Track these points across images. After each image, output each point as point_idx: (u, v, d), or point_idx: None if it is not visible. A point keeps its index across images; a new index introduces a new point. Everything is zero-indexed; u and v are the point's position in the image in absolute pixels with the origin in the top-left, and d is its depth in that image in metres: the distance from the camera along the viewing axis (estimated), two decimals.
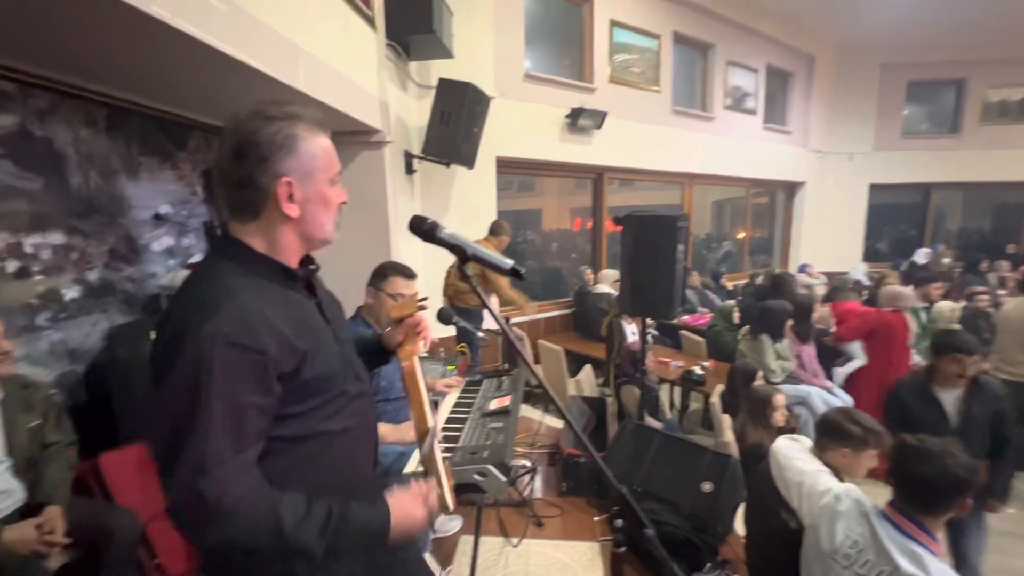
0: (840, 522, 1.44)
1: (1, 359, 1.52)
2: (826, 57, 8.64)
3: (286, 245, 0.86)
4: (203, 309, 0.74)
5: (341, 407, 0.90)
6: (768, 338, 3.60)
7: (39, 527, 1.51)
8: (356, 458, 0.97)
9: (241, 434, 0.74)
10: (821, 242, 9.07)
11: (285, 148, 0.80)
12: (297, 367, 0.80)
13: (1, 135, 1.90)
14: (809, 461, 1.67)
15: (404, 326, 1.09)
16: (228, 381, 0.72)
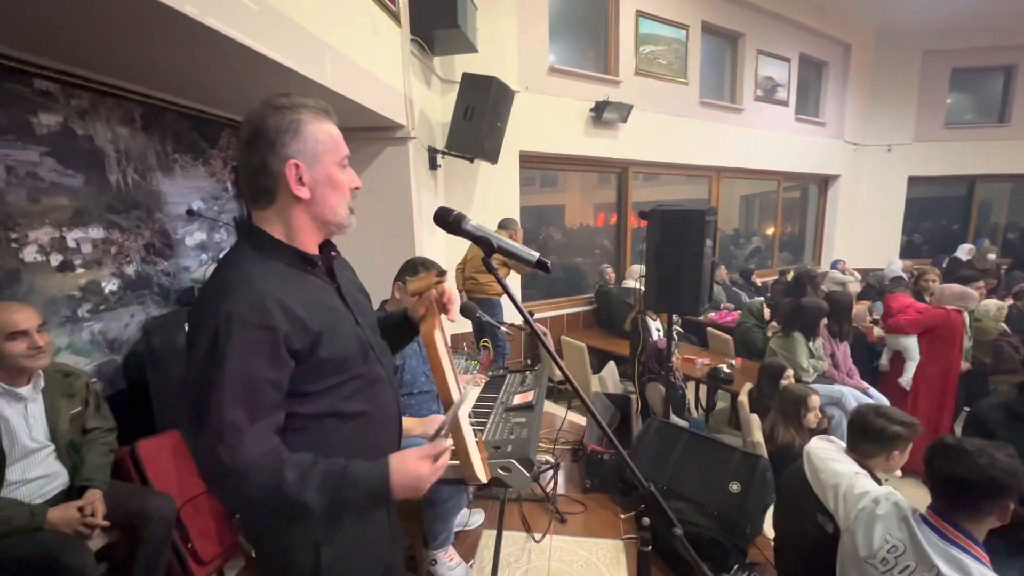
0: (878, 526, 1.39)
1: (37, 353, 1.56)
2: (863, 45, 8.29)
3: (301, 228, 0.90)
4: (223, 291, 0.81)
5: (357, 389, 0.94)
6: (801, 336, 3.49)
7: (81, 509, 1.58)
8: (376, 442, 0.97)
9: (255, 405, 0.79)
10: (856, 237, 8.74)
11: (291, 132, 0.85)
12: (312, 346, 0.85)
13: (45, 134, 1.98)
14: (845, 462, 1.61)
15: (424, 299, 1.08)
16: (242, 357, 0.77)
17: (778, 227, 8.50)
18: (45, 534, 1.50)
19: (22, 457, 1.55)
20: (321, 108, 0.90)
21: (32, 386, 1.60)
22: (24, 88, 1.90)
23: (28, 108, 1.92)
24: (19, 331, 1.52)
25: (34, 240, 1.95)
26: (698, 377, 3.85)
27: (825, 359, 3.62)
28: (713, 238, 2.82)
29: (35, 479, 1.58)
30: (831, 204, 8.85)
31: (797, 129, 7.79)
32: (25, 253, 1.92)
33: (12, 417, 1.54)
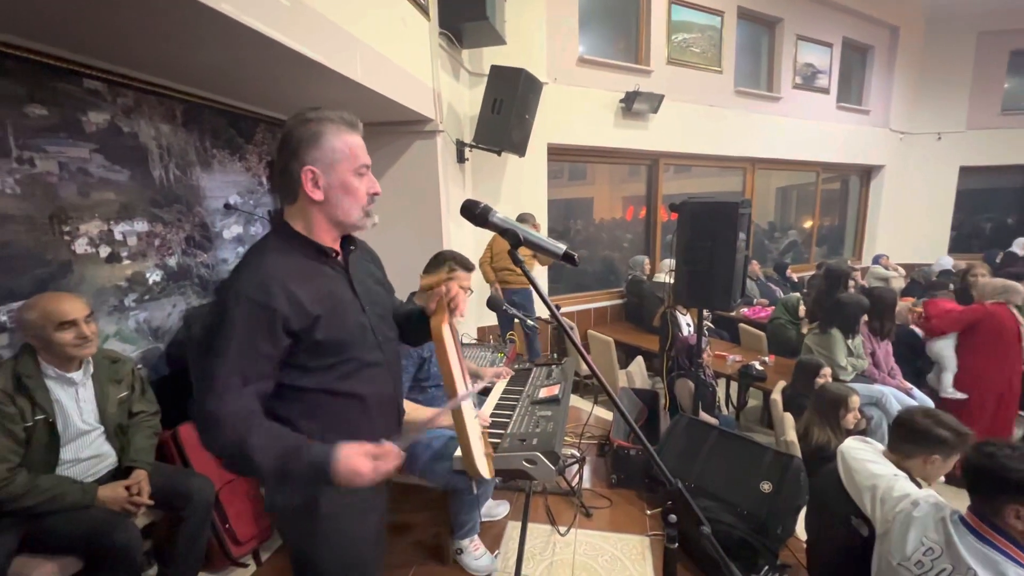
0: (914, 528, 1.33)
1: (84, 343, 1.63)
2: (912, 28, 7.85)
3: (318, 225, 1.02)
4: (242, 272, 0.95)
5: (352, 371, 1.04)
6: (839, 333, 3.36)
7: (128, 488, 1.67)
8: (370, 422, 1.06)
9: (248, 370, 0.91)
10: (900, 231, 8.34)
11: (310, 142, 0.97)
12: (309, 327, 0.96)
13: (94, 131, 2.08)
14: (883, 464, 1.54)
15: (433, 295, 1.13)
16: (243, 328, 0.90)
17: (816, 220, 8.18)
18: (95, 511, 1.59)
19: (74, 438, 1.64)
20: (346, 121, 1.00)
21: (82, 371, 1.68)
22: (75, 88, 1.99)
23: (78, 107, 2.01)
24: (68, 321, 1.59)
25: (84, 233, 2.05)
26: (729, 374, 3.76)
27: (865, 358, 3.48)
28: (747, 231, 2.73)
29: (86, 459, 1.67)
30: (874, 196, 8.46)
31: (838, 118, 7.46)
32: (76, 245, 2.03)
33: (65, 400, 1.62)
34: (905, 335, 4.03)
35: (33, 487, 1.49)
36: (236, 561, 2.06)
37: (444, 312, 1.10)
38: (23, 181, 1.83)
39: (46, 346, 1.58)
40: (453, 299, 1.11)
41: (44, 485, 1.51)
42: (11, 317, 1.80)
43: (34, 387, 1.54)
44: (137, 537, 1.62)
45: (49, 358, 1.60)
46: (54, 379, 1.61)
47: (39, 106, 1.87)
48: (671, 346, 3.38)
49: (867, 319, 3.49)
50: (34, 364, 1.57)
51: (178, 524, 1.78)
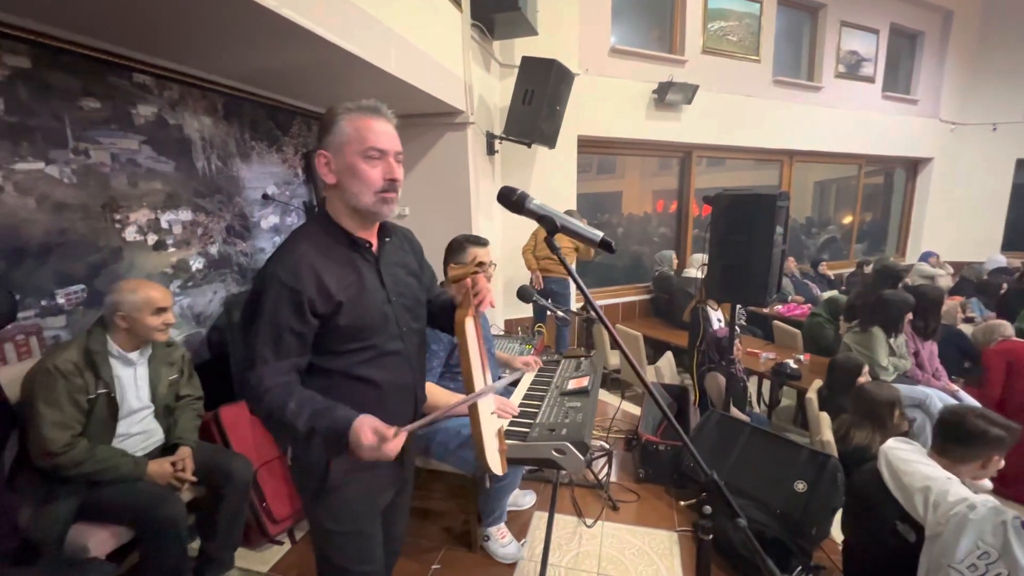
0: (968, 531, 1.28)
1: (166, 329, 1.77)
2: (967, 11, 7.41)
3: (340, 211, 1.07)
4: (275, 256, 1.02)
5: (371, 358, 1.09)
6: (881, 331, 3.22)
7: (174, 464, 1.76)
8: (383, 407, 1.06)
9: (280, 346, 0.99)
10: (948, 227, 7.91)
11: (325, 129, 1.03)
12: (333, 312, 1.02)
13: (143, 123, 2.17)
14: (933, 466, 1.48)
15: (460, 286, 1.14)
16: (273, 308, 0.98)
17: (857, 215, 7.84)
18: (144, 485, 1.68)
19: (128, 414, 1.73)
20: (363, 107, 1.03)
21: (140, 353, 1.78)
22: (125, 81, 2.09)
23: (128, 100, 2.11)
24: (162, 308, 1.72)
25: (134, 221, 2.16)
26: (761, 372, 3.66)
27: (908, 358, 3.33)
28: (784, 225, 2.65)
29: (136, 434, 1.77)
30: (921, 190, 8.05)
31: (884, 108, 7.11)
32: (126, 233, 2.13)
33: (124, 378, 1.72)
34: (952, 335, 3.85)
35: (91, 455, 1.58)
36: (272, 539, 2.14)
37: (469, 305, 1.11)
38: (79, 171, 1.93)
39: (133, 326, 1.69)
40: (479, 292, 1.13)
41: (101, 454, 1.61)
42: (69, 300, 1.91)
43: (100, 363, 1.64)
44: (183, 511, 1.70)
45: (121, 338, 1.71)
46: (117, 357, 1.71)
47: (93, 99, 1.97)
48: (701, 341, 3.32)
49: (911, 318, 3.34)
50: (103, 341, 1.68)
51: (219, 501, 1.86)
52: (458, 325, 1.09)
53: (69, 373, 1.57)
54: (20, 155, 1.74)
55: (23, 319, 1.77)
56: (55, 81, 1.83)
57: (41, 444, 1.52)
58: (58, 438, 1.53)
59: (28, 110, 1.76)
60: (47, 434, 1.51)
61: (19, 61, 1.73)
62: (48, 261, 1.84)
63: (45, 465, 1.53)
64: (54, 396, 1.54)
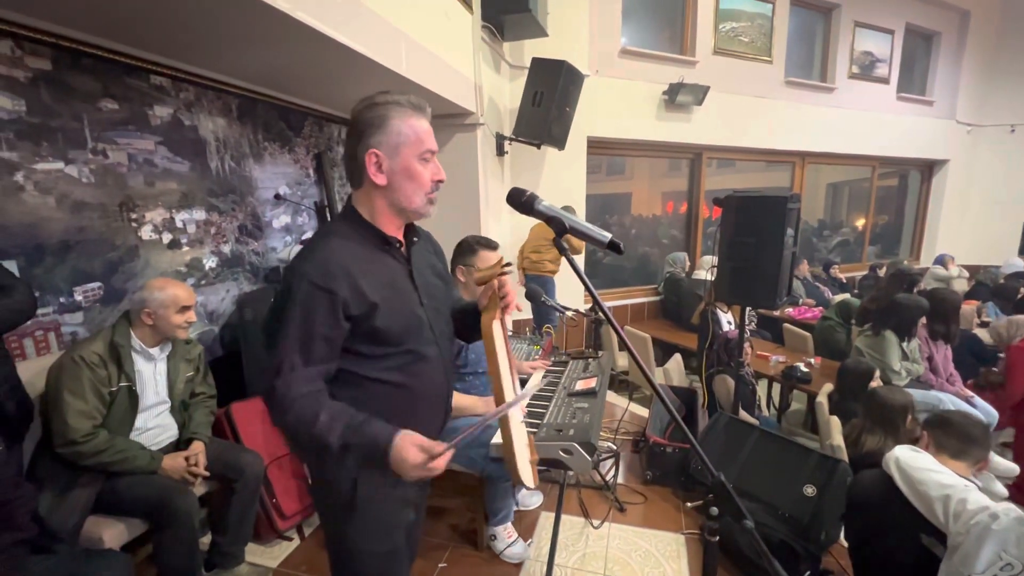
0: (991, 542, 1.25)
1: (189, 326, 1.82)
2: (986, 11, 7.29)
3: (381, 211, 1.02)
4: (304, 255, 0.97)
5: (406, 363, 1.04)
6: (894, 335, 3.18)
7: (187, 459, 1.79)
8: (415, 414, 1.04)
9: (310, 352, 0.93)
10: (964, 230, 7.79)
11: (375, 126, 0.96)
12: (367, 314, 0.96)
13: (159, 124, 2.21)
14: (948, 473, 1.46)
15: (487, 288, 1.10)
16: (305, 311, 0.92)
17: (870, 218, 7.75)
18: (159, 478, 1.71)
19: (146, 409, 1.78)
20: (413, 104, 0.98)
21: (160, 348, 1.83)
22: (142, 83, 2.13)
23: (145, 101, 2.15)
24: (187, 306, 1.78)
25: (149, 220, 2.19)
26: (771, 375, 3.64)
27: (921, 362, 3.29)
28: (795, 227, 2.63)
29: (153, 428, 1.80)
30: (936, 192, 7.93)
31: (898, 109, 7.02)
32: (142, 231, 2.17)
33: (145, 373, 1.77)
34: (967, 340, 3.79)
35: (111, 445, 1.63)
36: (282, 534, 2.17)
37: (496, 308, 1.06)
38: (97, 171, 1.97)
39: (158, 323, 1.74)
40: (506, 295, 1.08)
41: (120, 446, 1.65)
42: (86, 297, 1.95)
43: (124, 356, 1.69)
44: (196, 504, 1.73)
45: (144, 333, 1.76)
46: (139, 352, 1.76)
47: (111, 100, 2.01)
48: (711, 344, 3.30)
49: (926, 322, 3.29)
50: (127, 336, 1.73)
51: (230, 496, 1.89)
52: (485, 329, 1.03)
53: (94, 364, 1.62)
54: (41, 155, 1.79)
55: (42, 315, 1.81)
56: (75, 83, 1.87)
57: (64, 432, 1.56)
58: (81, 427, 1.57)
59: (49, 111, 1.80)
60: (71, 422, 1.56)
61: (41, 63, 1.77)
62: (67, 259, 1.88)
63: (66, 453, 1.58)
64: (79, 386, 1.59)
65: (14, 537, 1.28)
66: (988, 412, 3.14)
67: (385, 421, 0.94)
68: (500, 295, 1.08)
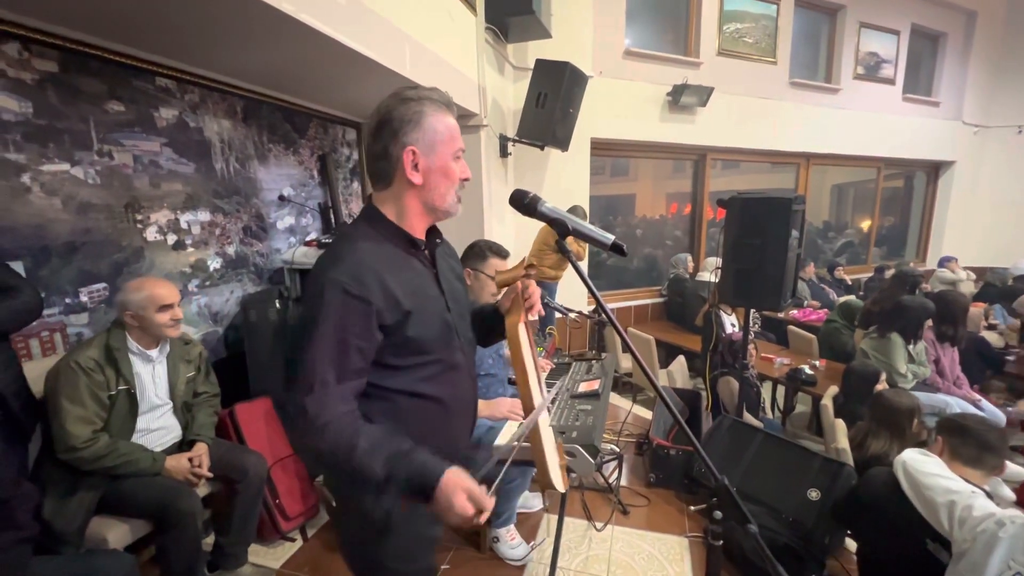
0: (999, 550, 1.24)
1: (175, 324, 1.80)
2: (992, 11, 7.25)
3: (411, 211, 0.96)
4: (334, 260, 0.89)
5: (437, 373, 0.98)
6: (899, 338, 3.16)
7: (191, 460, 1.79)
8: (448, 426, 1.02)
9: (343, 367, 0.86)
10: (972, 232, 7.74)
11: (412, 122, 0.91)
12: (400, 323, 0.90)
13: (164, 126, 2.22)
14: (955, 479, 1.45)
15: (510, 291, 1.08)
16: (339, 321, 0.85)
17: (875, 219, 7.71)
18: (163, 480, 1.72)
19: (148, 410, 1.78)
20: (444, 101, 0.95)
21: (159, 350, 1.83)
22: (148, 85, 2.14)
23: (151, 103, 2.16)
24: (167, 304, 1.75)
25: (155, 221, 2.21)
26: (776, 377, 3.62)
27: (928, 365, 3.26)
28: (800, 229, 2.62)
29: (155, 430, 1.81)
30: (942, 194, 7.89)
31: (904, 110, 6.99)
32: (148, 232, 2.18)
33: (143, 375, 1.77)
34: (975, 343, 3.76)
35: (113, 449, 1.63)
36: (285, 535, 2.17)
37: (520, 311, 1.03)
38: (103, 172, 1.98)
39: (143, 324, 1.73)
40: (530, 297, 1.05)
41: (122, 449, 1.65)
42: (92, 298, 1.96)
43: (121, 360, 1.68)
44: (199, 505, 1.73)
45: (138, 336, 1.75)
46: (137, 355, 1.75)
47: (117, 102, 2.02)
48: (715, 346, 3.29)
49: (934, 324, 3.27)
50: (123, 339, 1.72)
51: (234, 496, 1.90)
52: (511, 332, 0.99)
53: (91, 370, 1.61)
54: (47, 157, 1.80)
55: (48, 316, 1.82)
56: (82, 85, 1.89)
57: (64, 439, 1.56)
58: (80, 433, 1.57)
59: (56, 113, 1.81)
60: (70, 429, 1.56)
61: (48, 66, 1.78)
62: (72, 260, 1.89)
63: (67, 459, 1.57)
64: (76, 392, 1.58)
65: (16, 536, 1.29)
66: (996, 416, 3.11)
67: (417, 435, 0.89)
68: (524, 297, 1.05)
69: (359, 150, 3.68)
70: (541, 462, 0.96)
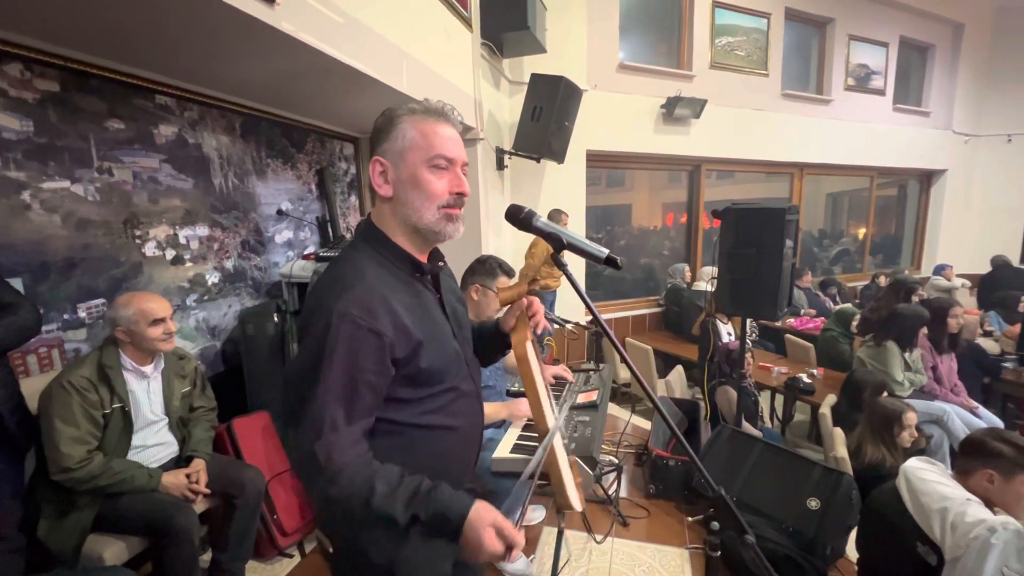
0: (992, 557, 1.24)
1: (168, 338, 1.79)
2: (978, 23, 7.40)
3: (393, 229, 0.90)
4: (337, 287, 0.82)
5: (449, 402, 0.92)
6: (895, 346, 3.18)
7: (188, 476, 1.78)
8: (460, 455, 0.99)
9: (354, 406, 0.79)
10: (965, 239, 7.80)
11: (384, 131, 0.87)
12: (412, 354, 0.84)
13: (164, 143, 2.24)
14: (953, 486, 1.45)
15: (514, 308, 1.06)
16: (349, 356, 0.78)
17: (870, 227, 7.77)
18: (159, 496, 1.71)
19: (143, 427, 1.77)
20: (428, 109, 0.88)
21: (153, 366, 1.82)
22: (148, 103, 2.16)
23: (151, 120, 2.18)
24: (159, 318, 1.74)
25: (153, 237, 2.22)
26: (774, 386, 3.62)
27: (924, 372, 3.28)
28: (794, 238, 2.65)
29: (152, 446, 1.80)
30: (935, 202, 7.97)
31: (895, 120, 7.09)
32: (146, 248, 2.19)
33: (138, 392, 1.76)
34: (972, 350, 3.78)
35: (107, 469, 1.61)
36: (282, 551, 2.15)
37: (526, 328, 1.01)
38: (102, 189, 2.00)
39: (135, 340, 1.72)
40: (535, 313, 1.02)
41: (117, 468, 1.64)
42: (90, 314, 1.97)
43: (114, 377, 1.67)
44: (196, 522, 1.72)
45: (131, 352, 1.75)
46: (131, 371, 1.74)
47: (117, 120, 2.04)
48: (712, 355, 3.29)
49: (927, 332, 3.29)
50: (116, 356, 1.71)
51: (231, 512, 1.88)
52: (517, 349, 0.97)
53: (84, 389, 1.60)
54: (48, 174, 1.81)
55: (46, 332, 1.82)
56: (83, 103, 1.91)
57: (58, 460, 1.54)
58: (75, 453, 1.55)
59: (56, 131, 1.83)
60: (64, 449, 1.54)
61: (50, 85, 1.80)
62: (71, 276, 1.90)
63: (62, 480, 1.55)
64: (69, 413, 1.56)
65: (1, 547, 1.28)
66: (993, 423, 3.12)
67: (430, 467, 0.84)
68: (529, 314, 1.02)
69: (356, 164, 3.71)
70: (559, 482, 0.93)
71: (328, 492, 0.77)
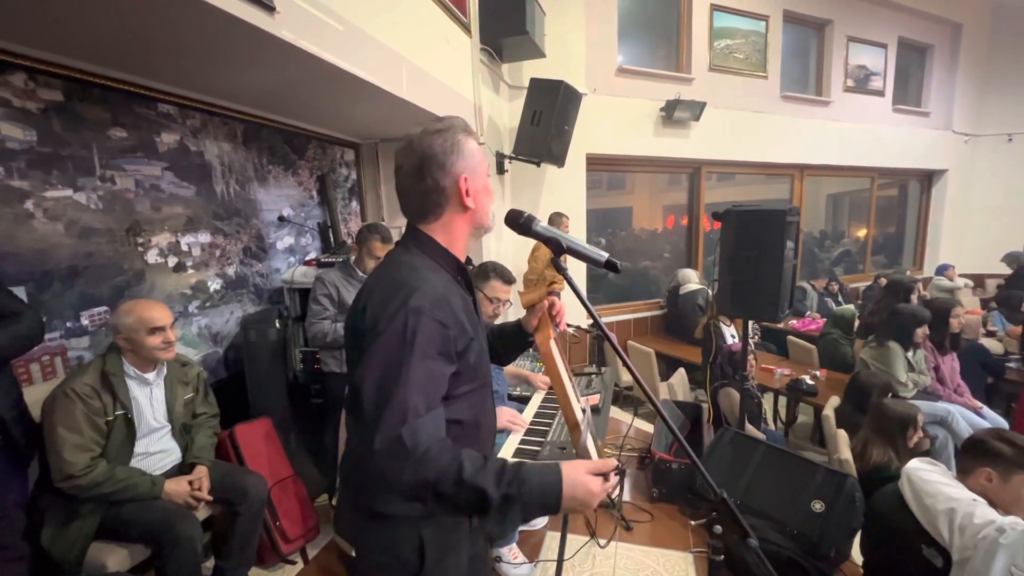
0: (1001, 556, 1.23)
1: (168, 347, 1.79)
2: (977, 23, 7.40)
3: (461, 235, 0.99)
4: (406, 287, 0.86)
5: (482, 399, 0.98)
6: (898, 346, 3.17)
7: (191, 483, 1.78)
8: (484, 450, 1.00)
9: (431, 394, 0.83)
10: (966, 239, 7.78)
11: (456, 152, 0.93)
12: (466, 349, 0.90)
13: (166, 151, 2.26)
14: (958, 487, 1.44)
15: (537, 310, 1.10)
16: (426, 348, 0.82)
17: (871, 228, 7.76)
18: (162, 503, 1.71)
19: (146, 434, 1.77)
20: (466, 126, 0.98)
21: (156, 373, 1.83)
22: (150, 111, 2.18)
23: (153, 129, 2.20)
24: (159, 326, 1.74)
25: (156, 244, 2.23)
26: (777, 388, 3.61)
27: (927, 373, 3.26)
28: (795, 240, 2.65)
29: (155, 453, 1.80)
30: (936, 202, 7.96)
31: (895, 121, 7.09)
32: (149, 255, 2.20)
33: (141, 399, 1.77)
34: (975, 351, 3.77)
35: (110, 476, 1.62)
36: (285, 558, 2.15)
37: (549, 327, 1.06)
38: (105, 197, 2.01)
39: (136, 348, 1.72)
40: (557, 313, 1.08)
41: (120, 475, 1.64)
42: (92, 321, 1.97)
43: (117, 385, 1.68)
44: (198, 529, 1.72)
45: (133, 359, 1.75)
46: (133, 378, 1.75)
47: (120, 129, 2.06)
48: (714, 357, 3.29)
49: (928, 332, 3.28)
50: (119, 364, 1.72)
51: (234, 519, 1.88)
52: (543, 347, 1.02)
53: (87, 396, 1.60)
54: (51, 183, 1.83)
55: (49, 340, 1.83)
56: (86, 113, 1.93)
57: (61, 467, 1.55)
58: (78, 461, 1.56)
59: (59, 140, 1.85)
60: (68, 457, 1.54)
61: (53, 95, 1.82)
62: (74, 284, 1.91)
63: (65, 487, 1.56)
64: (73, 420, 1.57)
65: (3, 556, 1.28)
66: (997, 423, 3.10)
67: None
68: (552, 313, 1.07)
69: (357, 170, 3.73)
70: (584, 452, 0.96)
71: (419, 473, 0.78)
